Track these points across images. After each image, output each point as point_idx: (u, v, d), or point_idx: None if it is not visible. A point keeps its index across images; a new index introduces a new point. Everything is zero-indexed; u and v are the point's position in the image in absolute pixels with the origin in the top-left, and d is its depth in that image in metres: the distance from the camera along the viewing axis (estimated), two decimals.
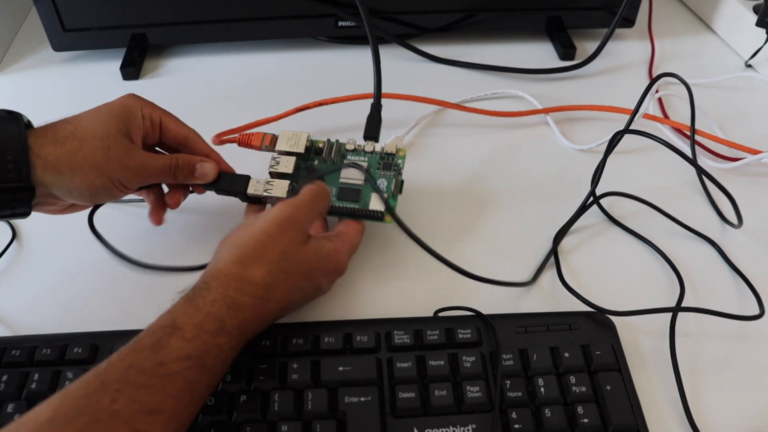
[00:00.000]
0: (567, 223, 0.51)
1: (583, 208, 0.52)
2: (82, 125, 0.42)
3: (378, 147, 0.49)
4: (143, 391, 0.32)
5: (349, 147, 0.49)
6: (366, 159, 0.48)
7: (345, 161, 0.48)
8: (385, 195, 0.46)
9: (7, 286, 0.48)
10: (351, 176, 0.46)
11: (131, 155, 0.43)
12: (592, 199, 0.52)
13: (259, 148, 0.50)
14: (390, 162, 0.48)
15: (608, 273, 0.48)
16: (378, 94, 0.49)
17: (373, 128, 0.49)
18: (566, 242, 0.51)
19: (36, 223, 0.52)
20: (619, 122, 0.59)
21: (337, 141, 0.49)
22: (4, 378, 0.39)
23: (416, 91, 0.66)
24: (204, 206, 0.52)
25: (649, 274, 0.48)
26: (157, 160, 0.45)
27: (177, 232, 0.51)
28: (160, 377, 0.32)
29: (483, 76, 0.68)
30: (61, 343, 0.41)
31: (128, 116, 0.44)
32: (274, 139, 0.50)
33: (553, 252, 0.49)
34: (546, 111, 0.62)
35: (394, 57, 0.70)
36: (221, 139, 0.54)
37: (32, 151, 0.39)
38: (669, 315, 0.44)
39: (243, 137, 0.51)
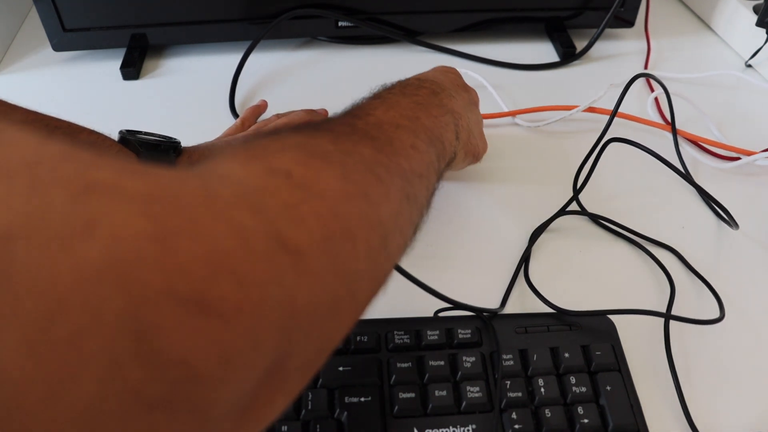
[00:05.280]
0: (544, 222, 0.51)
1: (562, 211, 0.52)
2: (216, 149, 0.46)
3: None
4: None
5: None
6: None
7: None
8: None
9: None
10: None
11: None
12: (569, 204, 0.52)
13: None
14: None
15: (593, 273, 0.48)
16: None
17: None
18: (545, 241, 0.51)
19: None
20: (616, 124, 0.59)
21: None
22: None
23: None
24: None
25: (637, 276, 0.48)
26: None
27: None
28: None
29: (475, 70, 0.68)
30: None
31: None
32: None
33: (527, 252, 0.49)
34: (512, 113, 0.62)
35: (401, 53, 0.70)
36: None
37: None
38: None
39: None
